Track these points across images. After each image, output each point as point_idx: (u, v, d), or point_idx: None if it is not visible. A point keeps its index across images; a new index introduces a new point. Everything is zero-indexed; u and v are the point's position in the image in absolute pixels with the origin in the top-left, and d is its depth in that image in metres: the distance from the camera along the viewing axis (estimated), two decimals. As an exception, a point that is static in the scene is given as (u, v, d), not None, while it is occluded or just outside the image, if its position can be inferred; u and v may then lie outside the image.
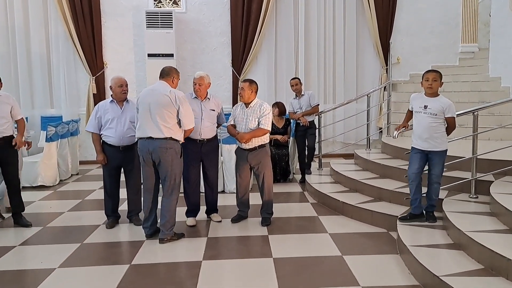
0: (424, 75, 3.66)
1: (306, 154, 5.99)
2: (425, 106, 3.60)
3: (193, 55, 7.72)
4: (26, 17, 7.43)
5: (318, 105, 5.96)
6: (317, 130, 6.08)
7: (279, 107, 6.16)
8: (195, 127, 3.91)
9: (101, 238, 3.95)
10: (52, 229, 4.24)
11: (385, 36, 7.64)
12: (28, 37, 7.47)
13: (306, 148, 5.98)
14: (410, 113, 3.82)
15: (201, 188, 4.42)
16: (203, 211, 4.44)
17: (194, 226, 4.23)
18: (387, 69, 7.67)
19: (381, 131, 7.47)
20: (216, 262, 3.39)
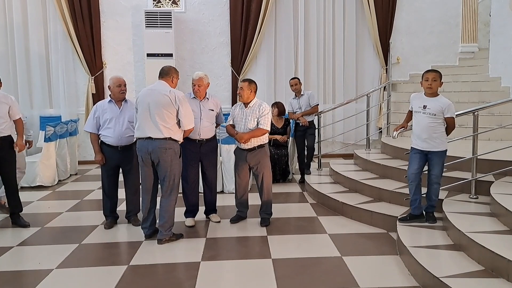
0: (424, 75, 3.65)
1: (306, 154, 5.98)
2: (424, 106, 3.58)
3: (192, 55, 7.70)
4: (25, 16, 7.40)
5: (318, 105, 5.94)
6: (317, 130, 6.06)
7: (279, 107, 6.14)
8: (194, 127, 3.90)
9: (99, 239, 3.94)
10: (50, 230, 4.22)
11: (385, 36, 7.62)
12: (27, 37, 7.45)
13: (306, 148, 5.96)
14: (411, 113, 3.79)
15: (200, 188, 4.40)
16: (202, 212, 4.43)
17: (193, 227, 4.21)
18: (387, 69, 7.66)
19: (381, 131, 7.46)
20: (215, 263, 3.38)
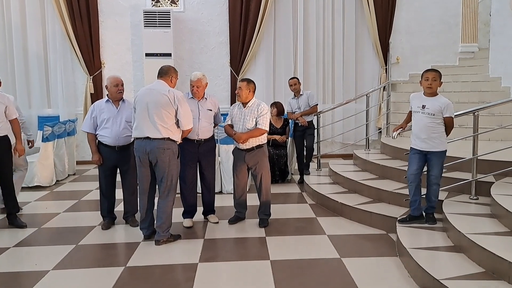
0: (424, 74, 3.61)
1: (305, 155, 5.95)
2: (423, 106, 3.55)
3: (191, 55, 7.67)
4: (23, 16, 7.37)
5: (317, 105, 5.91)
6: (316, 130, 6.03)
7: (278, 107, 6.12)
8: (193, 128, 3.86)
9: (97, 240, 3.91)
10: (47, 230, 4.19)
11: (385, 36, 7.60)
12: (25, 36, 7.42)
13: (305, 149, 5.94)
14: (411, 114, 3.75)
15: (198, 189, 4.37)
16: (200, 212, 4.40)
17: (191, 227, 4.19)
18: (387, 69, 7.63)
19: (380, 132, 7.43)
20: (213, 265, 3.35)
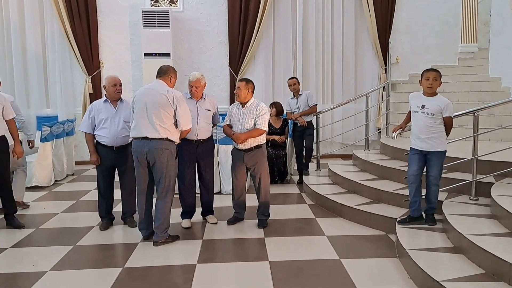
0: (424, 74, 3.59)
1: (304, 155, 5.93)
2: (423, 106, 3.53)
3: (190, 55, 7.65)
4: (22, 15, 7.35)
5: (316, 105, 5.90)
6: (315, 131, 6.02)
7: (277, 107, 6.10)
8: (192, 128, 3.84)
9: (95, 240, 3.89)
10: (45, 231, 4.17)
11: (384, 36, 7.58)
12: (24, 36, 7.40)
13: (304, 149, 5.92)
14: (410, 114, 3.74)
15: (197, 189, 4.35)
16: (199, 213, 4.38)
17: (189, 228, 4.17)
18: (386, 69, 7.61)
19: (380, 132, 7.42)
20: (211, 266, 3.33)
